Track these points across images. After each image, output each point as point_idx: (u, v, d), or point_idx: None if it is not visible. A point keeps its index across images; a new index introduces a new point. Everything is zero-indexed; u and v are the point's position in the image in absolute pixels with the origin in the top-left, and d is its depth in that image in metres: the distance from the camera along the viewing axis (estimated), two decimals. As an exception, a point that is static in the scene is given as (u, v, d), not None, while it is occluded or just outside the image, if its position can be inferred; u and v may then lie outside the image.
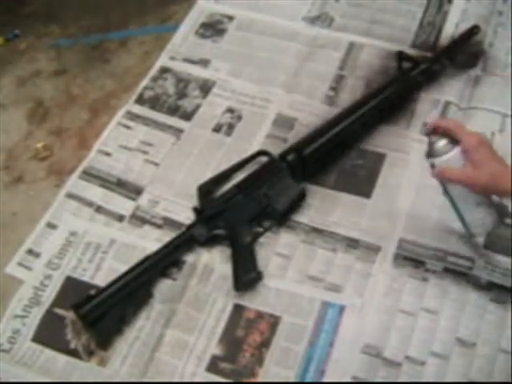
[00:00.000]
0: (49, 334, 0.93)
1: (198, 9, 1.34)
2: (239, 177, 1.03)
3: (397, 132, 1.09)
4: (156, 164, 1.11)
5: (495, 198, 0.96)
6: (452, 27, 1.23)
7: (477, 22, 1.20)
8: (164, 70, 1.24)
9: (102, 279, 0.96)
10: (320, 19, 1.29)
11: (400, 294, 0.92)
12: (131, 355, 0.90)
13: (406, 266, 0.94)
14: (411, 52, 1.19)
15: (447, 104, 1.12)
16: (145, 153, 1.12)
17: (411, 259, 0.95)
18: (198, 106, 1.18)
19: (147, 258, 0.95)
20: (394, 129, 1.09)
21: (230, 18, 1.31)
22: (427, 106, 1.12)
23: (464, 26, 1.20)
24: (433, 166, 0.85)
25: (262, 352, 0.89)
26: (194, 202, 1.02)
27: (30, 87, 1.31)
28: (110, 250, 1.00)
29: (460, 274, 0.93)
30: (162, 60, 1.26)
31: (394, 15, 1.27)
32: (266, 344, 0.89)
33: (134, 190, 1.08)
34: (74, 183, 1.10)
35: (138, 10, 1.40)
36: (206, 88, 1.20)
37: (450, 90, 1.13)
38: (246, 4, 1.33)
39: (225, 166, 1.06)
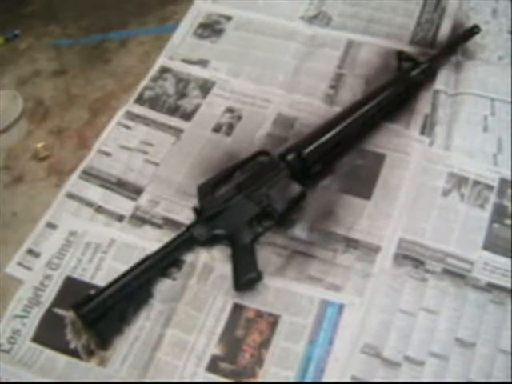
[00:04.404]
0: (49, 333, 0.93)
1: (195, 9, 1.34)
2: (239, 177, 1.03)
3: (397, 132, 1.09)
4: (156, 164, 1.11)
5: (496, 199, 0.98)
6: (449, 24, 1.24)
7: (469, 15, 1.23)
8: (164, 70, 1.24)
9: (101, 279, 0.97)
10: (318, 18, 1.29)
11: (400, 294, 0.92)
12: (131, 355, 0.91)
13: (405, 266, 0.95)
14: (410, 49, 1.19)
15: (436, 92, 1.13)
16: (145, 153, 1.12)
17: (411, 259, 0.95)
18: (197, 106, 1.18)
19: (147, 258, 0.95)
20: (394, 128, 1.09)
21: (228, 18, 1.31)
22: (425, 103, 1.12)
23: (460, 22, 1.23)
24: None
25: (262, 353, 0.89)
26: (193, 202, 1.02)
27: (29, 87, 1.31)
28: (110, 250, 1.01)
29: (459, 276, 0.93)
30: (162, 60, 1.26)
31: (392, 13, 1.28)
32: (265, 344, 0.90)
33: (134, 190, 1.08)
34: (73, 183, 1.10)
35: (137, 10, 1.40)
36: (205, 88, 1.20)
37: (437, 78, 1.14)
38: (244, 4, 1.33)
39: (225, 166, 1.06)
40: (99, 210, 1.06)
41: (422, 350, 0.87)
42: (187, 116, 1.17)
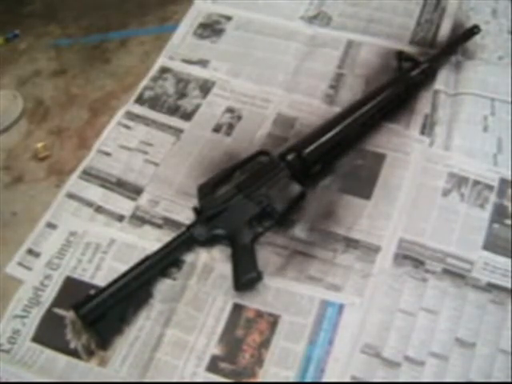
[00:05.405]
0: (49, 333, 0.93)
1: (195, 9, 1.34)
2: (239, 177, 1.03)
3: (397, 132, 1.09)
4: (156, 164, 1.11)
5: (496, 199, 0.97)
6: (449, 24, 1.24)
7: (469, 15, 1.24)
8: (164, 70, 1.24)
9: (101, 279, 0.97)
10: (318, 18, 1.29)
11: (400, 294, 0.92)
12: (131, 355, 0.91)
13: (405, 266, 0.95)
14: (410, 49, 1.19)
15: (436, 92, 1.13)
16: (145, 153, 1.12)
17: (411, 259, 0.95)
18: (197, 106, 1.18)
19: (147, 258, 0.95)
20: (394, 128, 1.09)
21: (228, 18, 1.31)
22: (425, 103, 1.12)
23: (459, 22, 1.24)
24: None
25: (262, 353, 0.89)
26: (193, 202, 1.02)
27: (29, 87, 1.31)
28: (110, 250, 1.01)
29: (459, 276, 0.93)
30: (162, 60, 1.26)
31: (392, 13, 1.28)
32: (265, 344, 0.90)
33: (133, 190, 1.08)
34: (73, 183, 1.10)
35: (137, 10, 1.40)
36: (205, 88, 1.20)
37: (437, 78, 1.15)
38: (244, 4, 1.33)
39: (225, 166, 1.06)
40: (99, 210, 1.06)
41: (422, 350, 0.87)
42: (187, 116, 1.17)
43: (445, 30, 1.23)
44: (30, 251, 1.02)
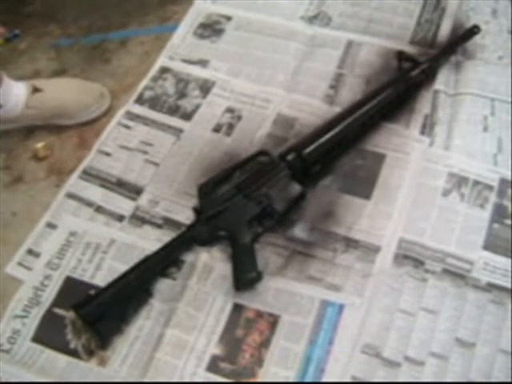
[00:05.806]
0: (49, 333, 0.93)
1: (195, 9, 1.34)
2: (239, 177, 1.03)
3: (397, 132, 1.09)
4: (156, 164, 1.11)
5: (496, 199, 0.97)
6: (449, 24, 1.24)
7: (469, 15, 1.24)
8: (164, 70, 1.24)
9: (101, 279, 0.97)
10: (318, 18, 1.29)
11: (399, 294, 0.92)
12: (131, 355, 0.91)
13: (405, 266, 0.95)
14: (410, 49, 1.19)
15: (436, 92, 1.13)
16: (145, 153, 1.12)
17: (411, 259, 0.95)
18: (197, 106, 1.18)
19: (147, 258, 0.95)
20: (394, 128, 1.09)
21: (228, 18, 1.31)
22: (425, 103, 1.12)
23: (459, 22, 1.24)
24: None
25: (262, 353, 0.89)
26: (194, 202, 1.02)
27: (29, 87, 1.30)
28: (110, 250, 1.01)
29: (459, 276, 0.93)
30: (162, 60, 1.26)
31: (392, 13, 1.28)
32: (265, 344, 0.90)
33: (133, 190, 1.08)
34: (73, 183, 1.10)
35: (137, 9, 1.40)
36: (205, 88, 1.20)
37: (437, 78, 1.15)
38: (244, 4, 1.33)
39: (225, 166, 1.06)
40: (99, 210, 1.06)
41: (422, 350, 0.87)
42: (187, 116, 1.17)
43: (445, 29, 1.23)
44: (30, 251, 1.02)
